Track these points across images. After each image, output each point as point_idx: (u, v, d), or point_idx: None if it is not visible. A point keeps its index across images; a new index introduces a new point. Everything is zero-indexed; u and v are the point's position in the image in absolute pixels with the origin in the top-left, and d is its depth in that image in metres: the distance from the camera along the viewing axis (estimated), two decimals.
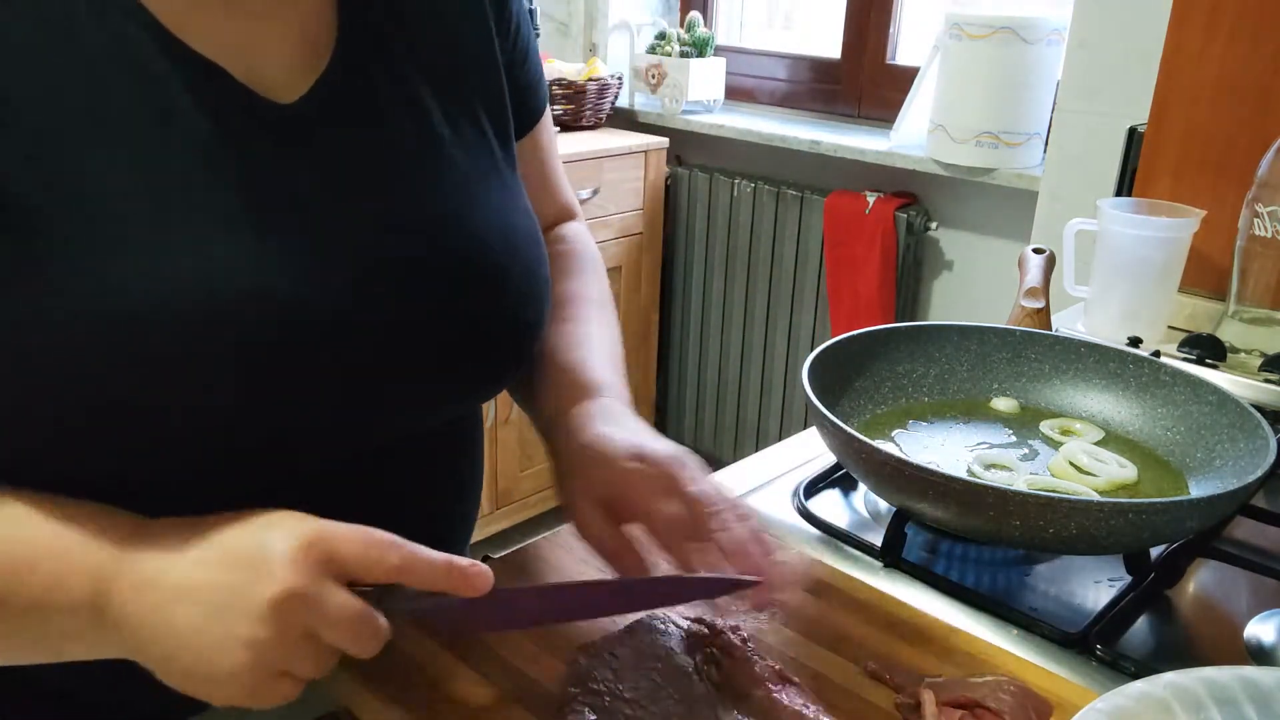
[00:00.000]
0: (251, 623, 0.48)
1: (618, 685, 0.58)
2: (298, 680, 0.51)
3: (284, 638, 0.48)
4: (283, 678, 0.50)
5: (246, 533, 0.51)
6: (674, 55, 2.56)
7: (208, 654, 0.48)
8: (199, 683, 0.50)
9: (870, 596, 0.69)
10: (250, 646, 0.48)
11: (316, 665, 0.50)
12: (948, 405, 0.93)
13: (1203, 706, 0.51)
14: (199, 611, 0.49)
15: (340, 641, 0.50)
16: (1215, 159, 1.24)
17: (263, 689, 0.49)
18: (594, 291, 0.80)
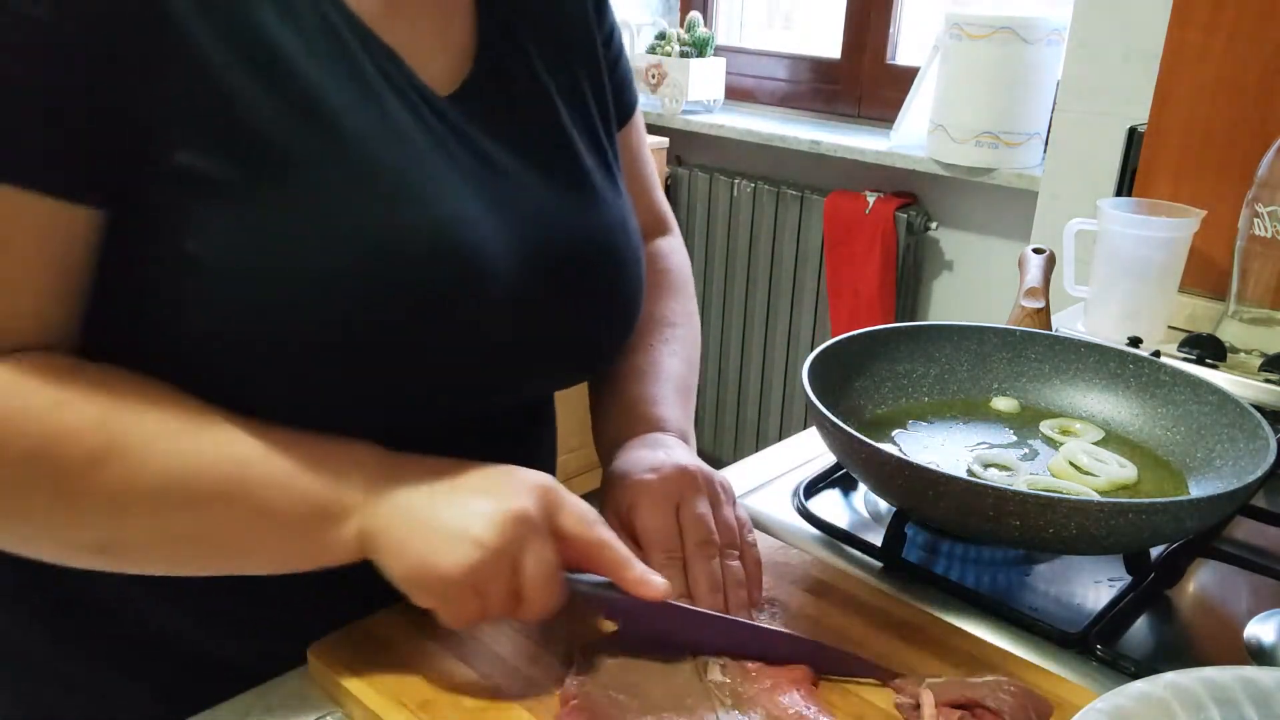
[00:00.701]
0: (487, 526, 0.55)
1: (617, 685, 0.58)
2: (484, 609, 0.56)
3: (503, 553, 0.55)
4: (479, 600, 0.56)
5: (495, 468, 0.59)
6: (674, 55, 2.56)
7: (440, 544, 0.55)
8: (418, 572, 0.55)
9: (870, 596, 0.69)
10: (480, 546, 0.54)
11: (505, 601, 0.56)
12: (948, 405, 0.93)
13: (1203, 706, 0.51)
14: (444, 507, 0.56)
15: (535, 587, 0.56)
16: (1215, 159, 1.24)
17: (460, 600, 0.56)
18: (677, 315, 0.84)
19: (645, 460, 0.68)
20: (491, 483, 0.58)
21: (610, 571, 0.59)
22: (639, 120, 0.84)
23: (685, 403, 0.78)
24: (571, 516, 0.58)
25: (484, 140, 0.64)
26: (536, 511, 0.56)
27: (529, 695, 0.58)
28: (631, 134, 0.83)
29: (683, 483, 0.65)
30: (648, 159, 0.87)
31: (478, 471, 0.59)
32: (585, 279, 0.68)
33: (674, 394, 0.77)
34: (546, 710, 0.57)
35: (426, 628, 0.63)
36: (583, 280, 0.67)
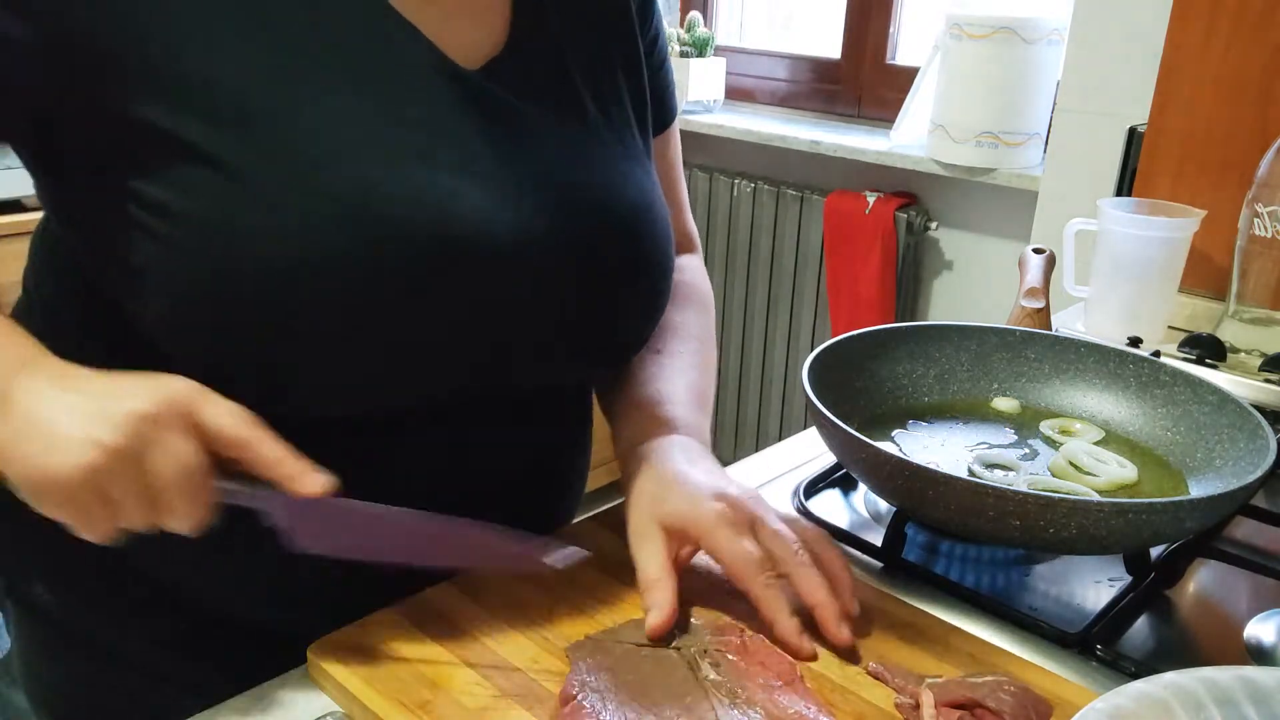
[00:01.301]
0: (106, 427, 0.51)
1: (617, 684, 0.58)
2: (117, 523, 0.53)
3: (124, 453, 0.51)
4: (109, 508, 0.52)
5: (133, 375, 0.54)
6: (674, 55, 2.56)
7: (57, 444, 0.51)
8: (37, 475, 0.52)
9: (870, 596, 0.69)
10: (97, 446, 0.50)
11: (140, 507, 0.53)
12: (948, 405, 0.93)
13: (1203, 706, 0.51)
14: (65, 409, 0.52)
15: (172, 489, 0.52)
16: (1215, 159, 1.24)
17: (89, 508, 0.52)
18: (695, 328, 0.83)
19: (699, 480, 0.66)
20: (119, 385, 0.54)
21: (266, 469, 0.55)
22: (675, 133, 0.84)
23: (704, 410, 0.77)
24: (216, 414, 0.54)
25: (506, 116, 0.65)
26: (166, 409, 0.53)
27: (529, 695, 0.58)
28: (668, 145, 0.84)
29: (750, 508, 0.65)
30: (680, 175, 0.87)
31: (113, 377, 0.55)
32: (608, 254, 0.67)
33: (691, 397, 0.76)
34: (546, 710, 0.57)
35: (427, 627, 0.63)
36: (605, 255, 0.67)
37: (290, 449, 0.55)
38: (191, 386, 0.54)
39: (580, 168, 0.68)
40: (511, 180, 0.63)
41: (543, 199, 0.64)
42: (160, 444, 0.52)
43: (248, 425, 0.55)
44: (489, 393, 0.67)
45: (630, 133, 0.73)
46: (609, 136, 0.71)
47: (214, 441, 0.54)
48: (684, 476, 0.67)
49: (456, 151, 0.61)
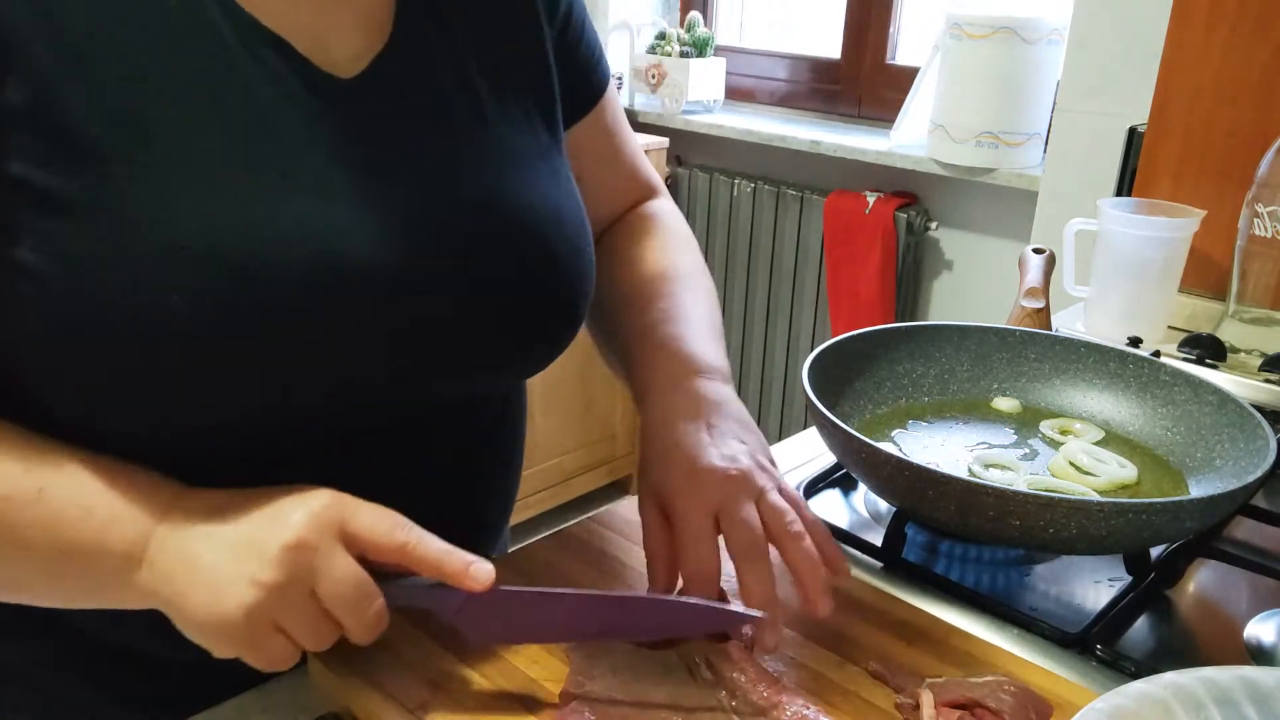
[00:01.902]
0: (263, 563, 0.51)
1: (616, 685, 0.58)
2: (293, 645, 0.53)
3: (290, 586, 0.52)
4: (280, 635, 0.53)
5: (272, 494, 0.55)
6: (674, 55, 2.56)
7: (219, 590, 0.52)
8: (205, 622, 0.52)
9: (870, 596, 0.69)
10: (258, 585, 0.51)
11: (313, 631, 0.53)
12: (948, 405, 0.93)
13: (1203, 706, 0.51)
14: (217, 550, 0.53)
15: (340, 608, 0.53)
16: (1215, 159, 1.24)
17: (260, 639, 0.52)
18: (687, 264, 0.80)
19: (686, 447, 0.62)
20: (266, 509, 0.54)
21: (430, 570, 0.55)
22: (612, 97, 0.80)
23: (718, 342, 0.73)
24: (367, 527, 0.54)
25: (388, 122, 0.61)
26: (316, 533, 0.53)
27: (529, 695, 0.58)
28: (605, 112, 0.79)
29: (722, 487, 0.60)
30: (627, 132, 0.83)
31: (258, 500, 0.54)
32: (506, 269, 0.64)
33: (704, 331, 0.72)
34: (546, 710, 0.57)
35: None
36: (503, 270, 0.63)
37: (449, 546, 0.55)
38: (336, 498, 0.54)
39: (477, 176, 0.64)
40: (388, 199, 0.59)
41: (431, 213, 0.61)
42: (319, 569, 0.52)
43: (401, 529, 0.54)
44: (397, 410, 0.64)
45: (534, 129, 0.69)
46: (508, 137, 0.66)
47: (369, 550, 0.54)
48: (674, 444, 0.63)
49: (326, 172, 0.57)
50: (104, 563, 0.54)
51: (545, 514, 2.55)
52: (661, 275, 0.78)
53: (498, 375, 0.70)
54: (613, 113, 0.81)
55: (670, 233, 0.83)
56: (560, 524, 0.78)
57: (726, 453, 0.62)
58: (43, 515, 0.53)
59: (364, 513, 0.54)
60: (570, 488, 2.64)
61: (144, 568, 0.54)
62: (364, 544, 0.54)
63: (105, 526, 0.54)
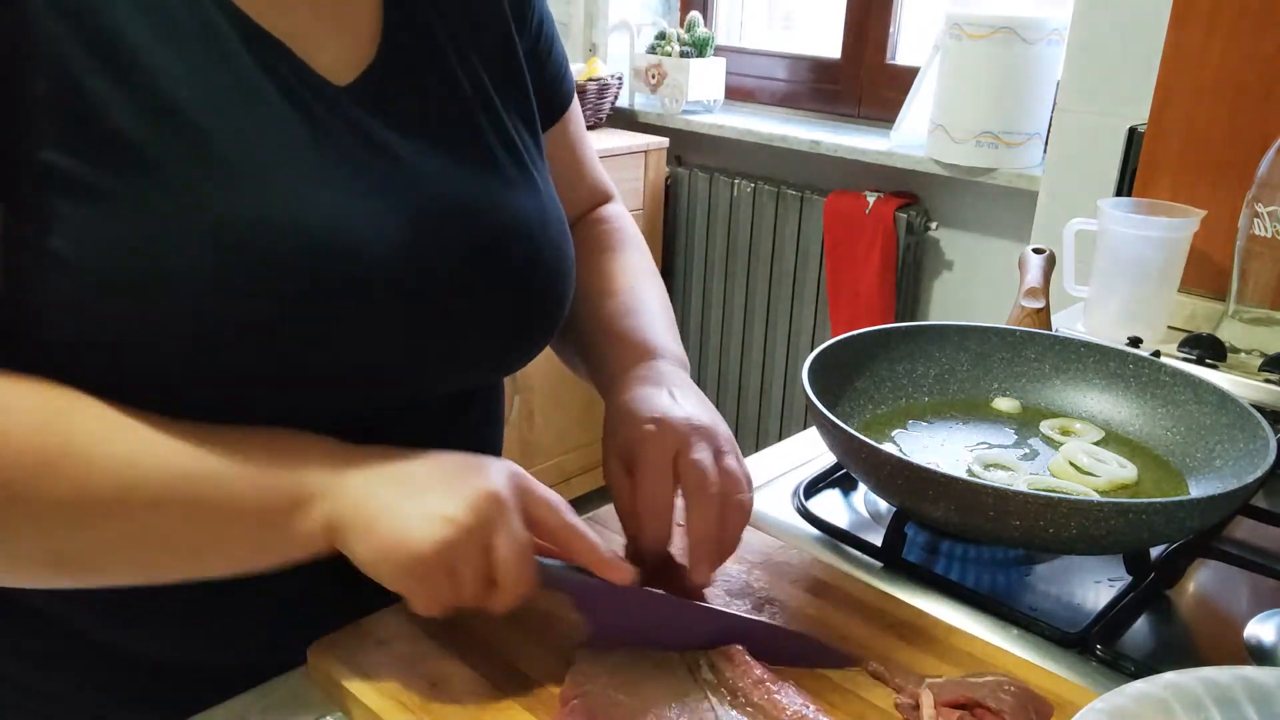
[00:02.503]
0: (458, 504, 0.55)
1: (616, 684, 0.58)
2: (456, 597, 0.56)
3: (475, 532, 0.55)
4: (452, 582, 0.56)
5: (456, 454, 0.59)
6: (674, 55, 2.56)
7: (412, 522, 0.55)
8: (391, 551, 0.55)
9: (870, 596, 0.69)
10: (452, 523, 0.54)
11: (476, 582, 0.56)
12: (948, 405, 0.93)
13: (1202, 706, 0.51)
14: (410, 489, 0.56)
15: (505, 567, 0.56)
16: (1215, 159, 1.24)
17: (437, 577, 0.55)
18: (640, 264, 0.84)
19: (649, 404, 0.66)
20: (461, 466, 0.58)
21: (581, 556, 0.59)
22: (576, 109, 0.84)
23: (674, 333, 0.78)
24: (542, 502, 0.58)
25: (383, 129, 0.63)
26: (508, 493, 0.57)
27: (529, 695, 0.58)
28: (570, 123, 0.83)
29: (683, 434, 0.64)
30: (588, 142, 0.87)
31: (444, 457, 0.59)
32: (492, 268, 0.66)
33: (660, 323, 0.77)
34: (546, 710, 0.57)
35: (427, 627, 0.63)
36: (489, 269, 0.66)
37: (600, 540, 0.59)
38: (519, 473, 0.59)
39: (463, 179, 0.66)
40: (385, 199, 0.61)
41: (423, 214, 0.63)
42: (503, 526, 0.56)
43: (567, 513, 0.59)
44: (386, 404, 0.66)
45: (518, 135, 0.71)
46: (494, 143, 0.69)
47: (537, 526, 0.58)
48: (634, 402, 0.66)
49: (329, 170, 0.59)
50: (294, 499, 0.56)
51: None
52: (617, 273, 0.82)
53: (480, 371, 0.72)
54: (576, 124, 0.85)
55: (624, 235, 0.87)
56: None
57: (689, 410, 0.66)
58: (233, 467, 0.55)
59: (543, 489, 0.59)
60: (570, 488, 2.64)
61: (329, 500, 0.56)
62: (538, 516, 0.58)
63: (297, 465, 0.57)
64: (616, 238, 0.85)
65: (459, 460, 0.59)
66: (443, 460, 0.59)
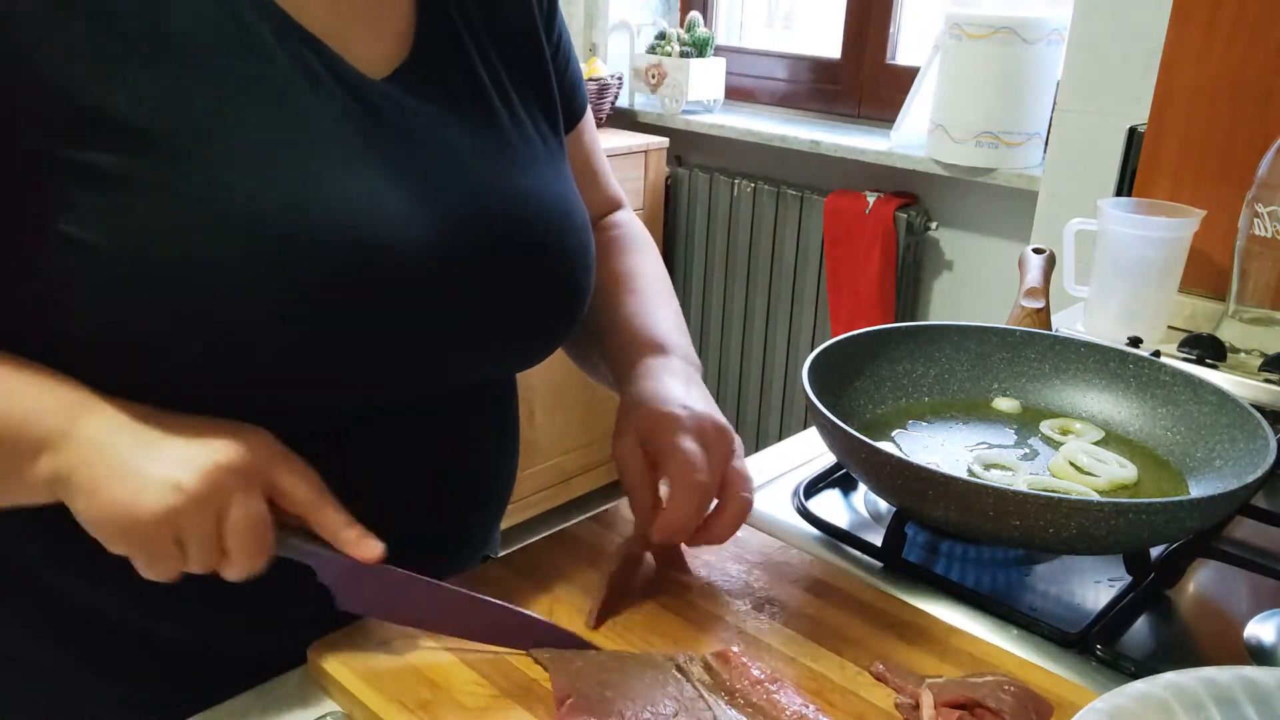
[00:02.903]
0: (191, 473, 0.54)
1: (606, 682, 0.58)
2: (181, 566, 0.56)
3: (208, 501, 0.54)
4: (176, 549, 0.55)
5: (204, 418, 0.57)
6: (674, 55, 2.56)
7: (139, 486, 0.53)
8: (114, 513, 0.54)
9: (870, 596, 0.69)
10: (180, 491, 0.53)
11: (204, 554, 0.55)
12: (948, 405, 0.93)
13: (1203, 706, 0.51)
14: (145, 451, 0.55)
15: (237, 540, 0.55)
16: (1215, 159, 1.24)
17: (159, 546, 0.54)
18: (651, 268, 0.86)
19: (676, 393, 0.69)
20: (203, 433, 0.56)
21: (328, 530, 0.59)
22: (590, 119, 0.87)
23: (682, 330, 0.80)
24: (290, 473, 0.58)
25: (416, 122, 0.64)
26: (246, 463, 0.56)
27: (529, 695, 0.58)
28: (585, 132, 0.86)
29: (710, 430, 0.67)
30: (601, 153, 0.90)
31: (189, 420, 0.57)
32: (520, 262, 0.67)
33: (672, 323, 0.79)
34: (546, 710, 0.57)
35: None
36: (517, 262, 0.67)
37: (349, 516, 0.59)
38: (269, 442, 0.58)
39: (491, 175, 0.67)
40: (422, 191, 0.63)
41: (455, 207, 0.64)
42: (237, 497, 0.55)
43: (316, 490, 0.58)
44: (412, 395, 0.67)
45: (541, 134, 0.73)
46: (519, 140, 0.70)
47: (282, 498, 0.58)
48: (661, 389, 0.69)
49: (359, 161, 0.61)
50: (19, 444, 0.55)
51: (545, 514, 2.55)
52: (633, 274, 0.83)
53: (505, 363, 0.73)
54: (590, 132, 0.87)
55: (638, 241, 0.89)
56: (560, 524, 0.78)
57: (709, 411, 0.68)
58: None
59: (290, 461, 0.58)
60: (570, 488, 2.64)
61: (59, 451, 0.55)
62: (282, 490, 0.57)
63: (29, 409, 0.55)
64: (631, 242, 0.88)
65: (204, 425, 0.57)
66: (187, 423, 0.57)
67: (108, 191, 0.54)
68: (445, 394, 0.70)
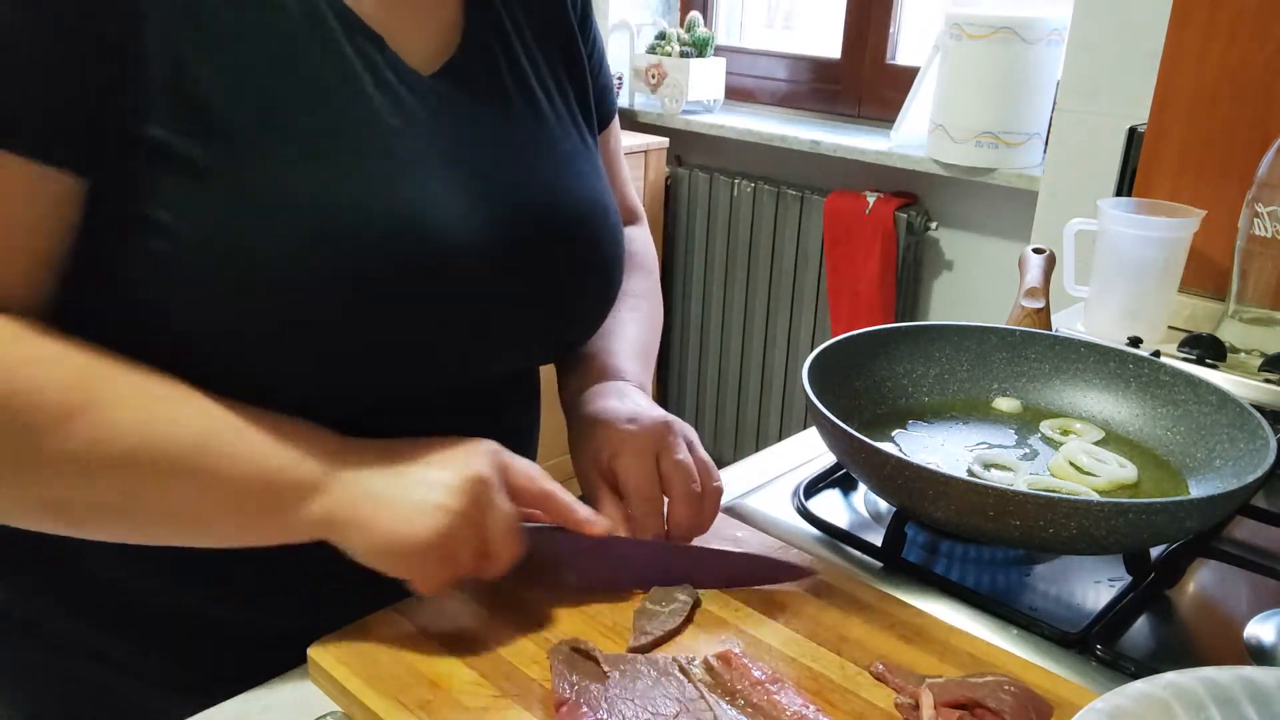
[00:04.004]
0: (451, 493, 0.59)
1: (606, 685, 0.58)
2: (454, 573, 0.60)
3: (468, 515, 0.59)
4: (450, 562, 0.60)
5: (440, 440, 0.63)
6: (674, 55, 2.56)
7: (407, 515, 0.58)
8: (392, 543, 0.58)
9: (870, 596, 0.69)
10: (447, 512, 0.58)
11: (475, 558, 0.60)
12: (948, 405, 0.93)
13: (1203, 706, 0.51)
14: (403, 483, 0.60)
15: (498, 539, 0.61)
16: (1215, 159, 1.24)
17: (434, 565, 0.59)
18: (641, 288, 0.88)
19: (620, 410, 0.71)
20: (445, 454, 0.61)
21: (561, 516, 0.64)
22: (616, 126, 0.89)
23: (646, 362, 0.82)
24: (521, 473, 0.63)
25: (465, 118, 0.66)
26: (490, 472, 0.61)
27: (529, 695, 0.58)
28: (610, 138, 0.88)
29: (661, 433, 0.70)
30: (623, 160, 0.92)
31: (429, 446, 0.62)
32: (563, 254, 0.70)
33: (635, 351, 0.81)
34: (546, 710, 0.57)
35: (427, 627, 0.64)
36: (560, 254, 0.70)
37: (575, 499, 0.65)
38: (497, 448, 0.63)
39: (538, 169, 0.70)
40: (476, 186, 0.65)
41: (504, 200, 0.66)
42: (491, 503, 0.60)
43: (544, 480, 0.64)
44: (451, 382, 0.69)
45: (580, 131, 0.75)
46: (563, 137, 0.73)
47: (519, 495, 0.63)
48: (605, 411, 0.72)
49: (418, 155, 0.62)
50: (286, 491, 0.58)
51: None
52: None
53: (538, 352, 0.76)
54: (615, 140, 0.89)
55: (634, 258, 0.90)
56: None
57: (648, 411, 0.72)
58: (241, 448, 0.57)
59: (516, 461, 0.64)
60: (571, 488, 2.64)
61: (324, 495, 0.59)
62: (519, 485, 0.63)
63: (297, 456, 0.59)
64: (629, 260, 0.88)
65: (443, 446, 0.62)
66: (428, 448, 0.62)
67: (190, 178, 0.55)
68: (475, 383, 0.72)
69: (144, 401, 0.56)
